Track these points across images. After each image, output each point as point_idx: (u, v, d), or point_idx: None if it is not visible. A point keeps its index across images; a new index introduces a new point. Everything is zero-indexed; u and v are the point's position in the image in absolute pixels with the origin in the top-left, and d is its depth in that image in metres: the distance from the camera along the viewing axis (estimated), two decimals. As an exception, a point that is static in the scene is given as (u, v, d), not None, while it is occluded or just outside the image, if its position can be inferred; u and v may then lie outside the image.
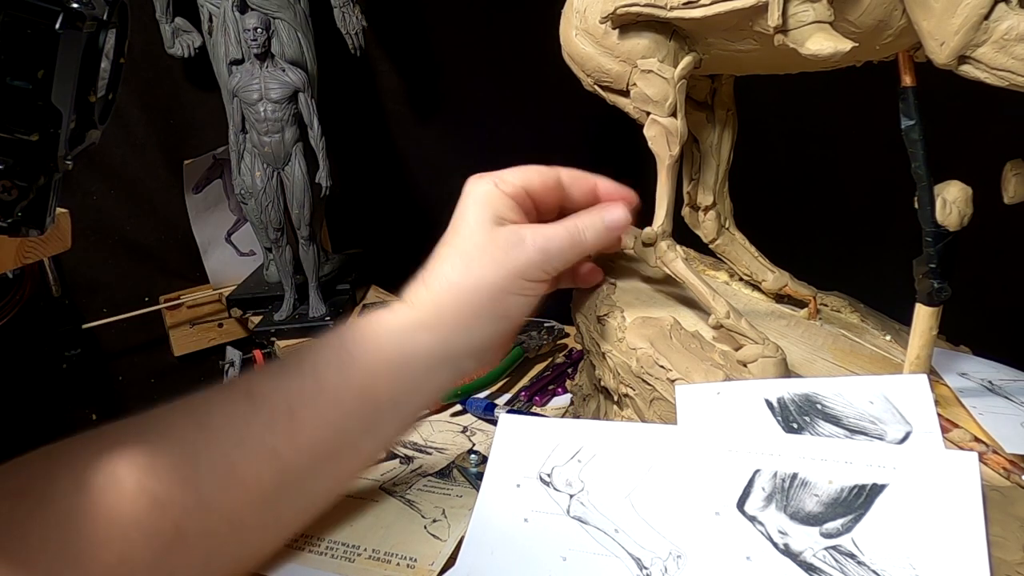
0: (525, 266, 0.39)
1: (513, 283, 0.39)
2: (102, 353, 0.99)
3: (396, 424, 0.40)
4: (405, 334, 0.38)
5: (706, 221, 0.47)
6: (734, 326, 0.39)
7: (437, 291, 0.39)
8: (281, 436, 0.36)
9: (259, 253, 1.00)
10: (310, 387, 0.37)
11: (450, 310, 0.39)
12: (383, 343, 0.38)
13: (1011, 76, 0.29)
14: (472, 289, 0.39)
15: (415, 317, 0.39)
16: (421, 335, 0.38)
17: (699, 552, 0.32)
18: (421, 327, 0.38)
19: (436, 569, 0.39)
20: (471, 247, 0.39)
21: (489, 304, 0.39)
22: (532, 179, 0.42)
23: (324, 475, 0.38)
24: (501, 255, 0.39)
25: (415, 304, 0.39)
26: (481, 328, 0.39)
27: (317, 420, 0.36)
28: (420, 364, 0.39)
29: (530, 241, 0.39)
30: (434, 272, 0.40)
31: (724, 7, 0.34)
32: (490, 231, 0.40)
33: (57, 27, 0.24)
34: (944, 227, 0.33)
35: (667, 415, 0.39)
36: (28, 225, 0.26)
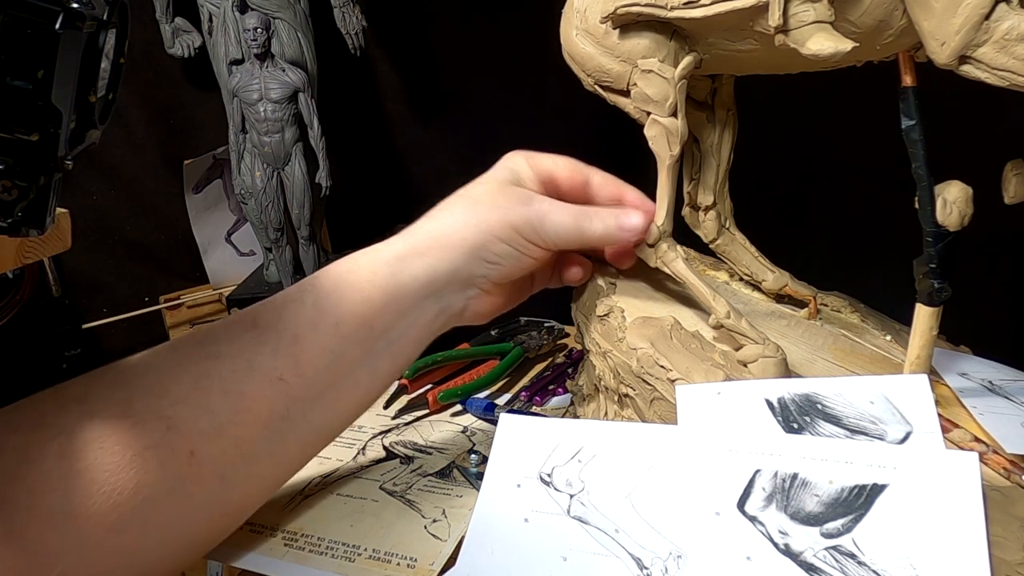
0: (521, 221, 0.41)
1: (503, 229, 0.40)
2: (102, 353, 0.99)
3: (390, 357, 0.41)
4: (397, 260, 0.40)
5: (706, 221, 0.47)
6: (734, 326, 0.39)
7: (437, 222, 0.41)
8: (287, 363, 0.37)
9: (259, 253, 1.00)
10: (311, 315, 0.38)
11: (441, 240, 0.41)
12: (377, 269, 0.40)
13: (1012, 76, 0.29)
14: (467, 224, 0.41)
15: (409, 243, 0.41)
16: (411, 261, 0.40)
17: (699, 552, 0.32)
18: (412, 254, 0.40)
19: (436, 569, 0.39)
20: (479, 193, 0.42)
21: (479, 241, 0.40)
22: (561, 167, 0.44)
23: (325, 406, 0.39)
24: (503, 203, 0.41)
25: (411, 233, 0.41)
26: (466, 263, 0.41)
27: (318, 347, 0.38)
28: (410, 292, 0.40)
29: (536, 203, 0.41)
30: (436, 210, 0.42)
31: (725, 7, 0.34)
32: (502, 186, 0.42)
33: (57, 27, 0.24)
34: (944, 227, 0.33)
35: (667, 415, 0.39)
36: (28, 225, 0.26)
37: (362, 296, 0.39)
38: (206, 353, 0.36)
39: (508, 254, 0.41)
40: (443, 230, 0.41)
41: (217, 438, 0.35)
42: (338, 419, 0.41)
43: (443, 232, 0.41)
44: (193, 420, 0.34)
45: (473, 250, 0.41)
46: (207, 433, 0.35)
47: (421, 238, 0.41)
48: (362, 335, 0.39)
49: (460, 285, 0.42)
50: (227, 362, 0.36)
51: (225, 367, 0.36)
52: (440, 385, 0.60)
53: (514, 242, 0.41)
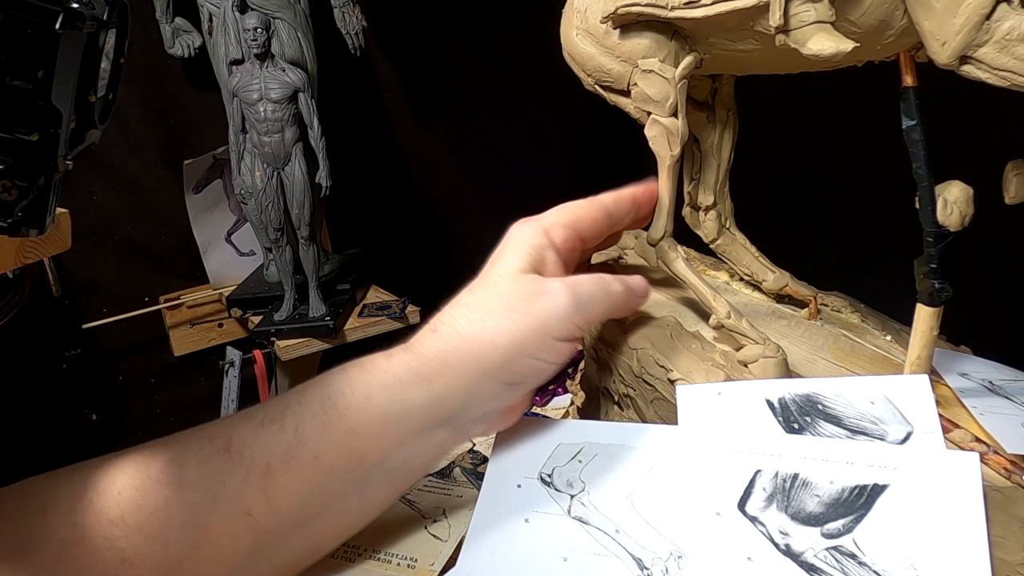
0: (552, 317, 0.34)
1: (536, 340, 0.34)
2: (102, 353, 0.99)
3: (389, 484, 0.37)
4: (398, 387, 0.34)
5: (707, 221, 0.47)
6: (735, 326, 0.39)
7: (444, 339, 0.35)
8: (256, 497, 0.33)
9: (259, 253, 1.00)
10: (289, 443, 0.34)
11: (453, 364, 0.34)
12: (373, 395, 0.34)
13: (1012, 76, 0.29)
14: (485, 344, 0.34)
15: (412, 367, 0.35)
16: (415, 390, 0.34)
17: (700, 552, 0.32)
18: (416, 380, 0.34)
19: (436, 569, 0.39)
20: (491, 295, 0.35)
21: (502, 363, 0.34)
22: (582, 218, 0.39)
23: (305, 536, 0.36)
24: (524, 305, 0.34)
25: (416, 352, 0.35)
26: (485, 392, 0.35)
27: (296, 480, 0.34)
28: (413, 422, 0.35)
29: (560, 290, 0.35)
30: (445, 317, 0.36)
31: (725, 7, 0.34)
32: (516, 278, 0.36)
33: (57, 27, 0.24)
34: (945, 227, 0.33)
35: (668, 415, 0.39)
36: (28, 225, 0.26)
37: (349, 427, 0.34)
38: (170, 478, 0.33)
39: (537, 369, 0.35)
40: (450, 352, 0.34)
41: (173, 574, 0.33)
42: (321, 545, 0.37)
43: (451, 354, 0.34)
44: (147, 553, 0.32)
45: (489, 374, 0.34)
46: (162, 568, 0.32)
47: (426, 360, 0.35)
48: (349, 467, 0.35)
49: (477, 412, 0.36)
50: (189, 492, 0.33)
51: (186, 497, 0.33)
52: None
53: (547, 352, 0.35)
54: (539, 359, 0.35)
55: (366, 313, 0.88)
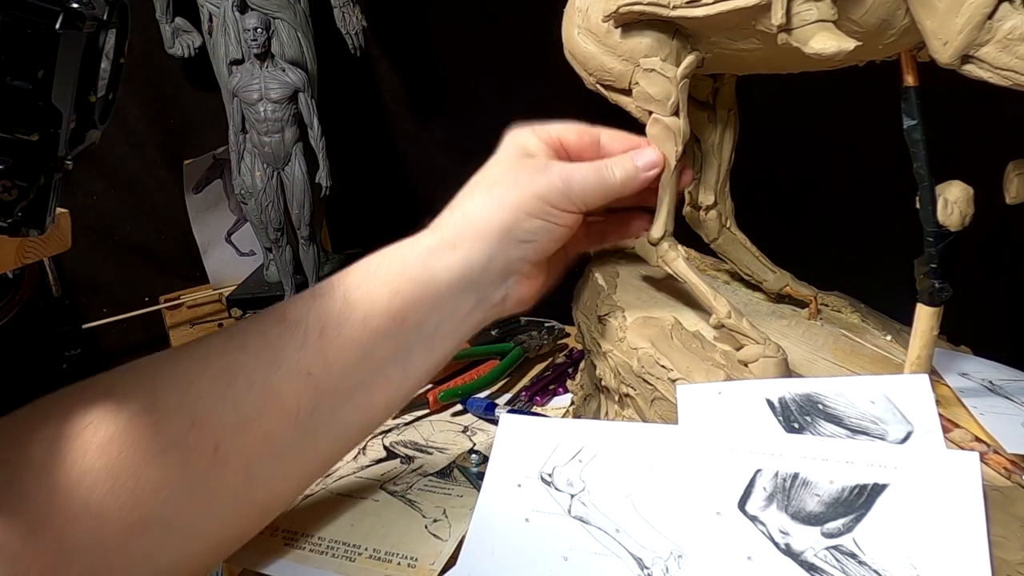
0: (546, 190, 0.39)
1: (533, 204, 0.39)
2: (102, 353, 0.99)
3: (424, 353, 0.40)
4: (429, 254, 0.39)
5: (707, 221, 0.47)
6: (735, 326, 0.39)
7: (463, 211, 0.40)
8: (314, 357, 0.36)
9: (259, 253, 1.00)
10: (339, 308, 0.37)
11: (471, 229, 0.39)
12: (408, 262, 0.39)
13: (1014, 75, 0.29)
14: (493, 207, 0.39)
15: (439, 237, 0.39)
16: (443, 254, 0.39)
17: (700, 552, 0.32)
18: (443, 246, 0.39)
19: (437, 569, 0.39)
20: (497, 173, 0.41)
21: (510, 222, 0.39)
22: (569, 131, 0.43)
23: (356, 402, 0.38)
24: (525, 178, 0.40)
25: (440, 226, 0.40)
26: (500, 249, 0.39)
27: (347, 341, 0.37)
28: (443, 285, 0.38)
29: (556, 169, 0.40)
30: (459, 199, 0.41)
31: (727, 6, 0.34)
32: (517, 160, 0.41)
33: (57, 27, 0.24)
34: (945, 227, 0.33)
35: (668, 415, 0.39)
36: (28, 225, 0.26)
37: (391, 289, 0.38)
38: (233, 346, 0.36)
39: (540, 228, 0.40)
40: (469, 218, 0.39)
41: (243, 432, 0.34)
42: (369, 416, 0.40)
43: (470, 220, 0.39)
44: (218, 414, 0.34)
45: (505, 233, 0.39)
46: (232, 427, 0.34)
47: (450, 230, 0.40)
48: (393, 329, 0.38)
49: (497, 274, 0.40)
50: (252, 355, 0.35)
51: (251, 360, 0.35)
52: (440, 385, 0.60)
53: (544, 214, 0.39)
54: (543, 219, 0.39)
55: None
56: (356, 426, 0.39)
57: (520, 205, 0.39)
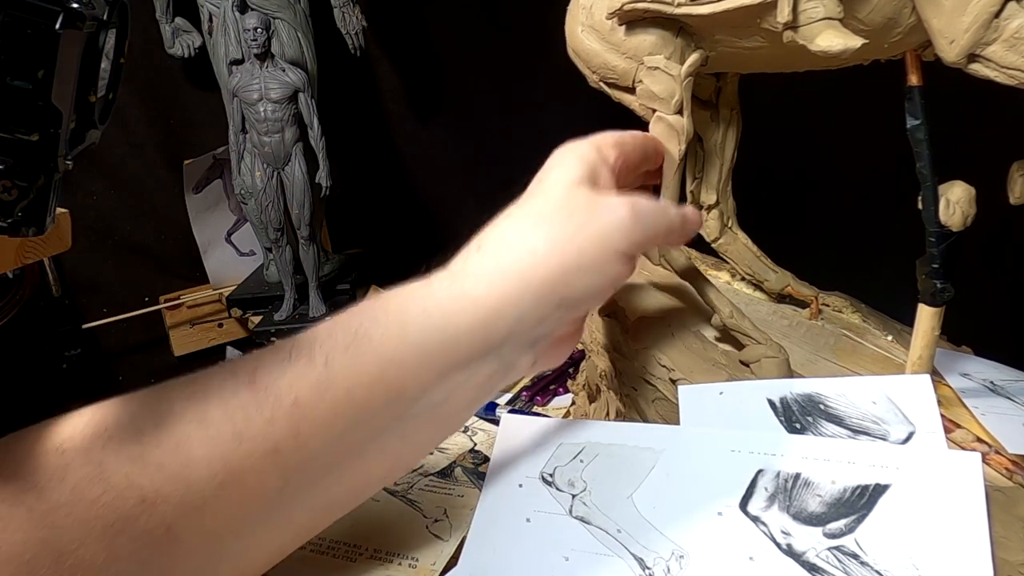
0: (613, 228, 0.31)
1: (598, 252, 0.31)
2: (102, 353, 0.99)
3: (431, 423, 0.33)
4: (439, 313, 0.31)
5: (709, 220, 0.47)
6: (737, 326, 0.39)
7: (494, 254, 0.32)
8: (284, 432, 0.31)
9: (259, 253, 1.00)
10: (319, 376, 0.31)
11: (503, 281, 0.31)
12: (411, 322, 0.31)
13: (1021, 75, 0.29)
14: (541, 254, 0.31)
15: (457, 288, 0.31)
16: (459, 314, 0.31)
17: (702, 552, 0.32)
18: (462, 302, 0.31)
19: (438, 569, 0.39)
20: (545, 204, 0.32)
21: (560, 278, 0.31)
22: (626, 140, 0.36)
23: (340, 478, 0.33)
24: (583, 214, 0.31)
25: (459, 273, 0.32)
26: (538, 310, 0.31)
27: (326, 415, 0.31)
28: (454, 352, 0.32)
29: (619, 202, 0.32)
30: (492, 233, 0.32)
31: (732, 3, 0.34)
32: (574, 188, 0.32)
33: (57, 27, 0.24)
34: (947, 227, 0.33)
35: (670, 415, 0.39)
36: (28, 225, 0.26)
37: (386, 356, 0.31)
38: (192, 413, 0.31)
39: (590, 287, 0.32)
40: (502, 265, 0.31)
41: (199, 513, 0.30)
42: (361, 486, 0.35)
43: (502, 270, 0.31)
44: (169, 493, 0.30)
45: (545, 290, 0.31)
46: (186, 507, 0.30)
47: (472, 280, 0.31)
48: (387, 401, 0.32)
49: (526, 338, 0.32)
50: (212, 428, 0.30)
51: (208, 433, 0.30)
52: (441, 385, 0.60)
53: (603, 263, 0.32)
54: (599, 273, 0.32)
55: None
56: (340, 498, 0.34)
57: (575, 252, 0.31)
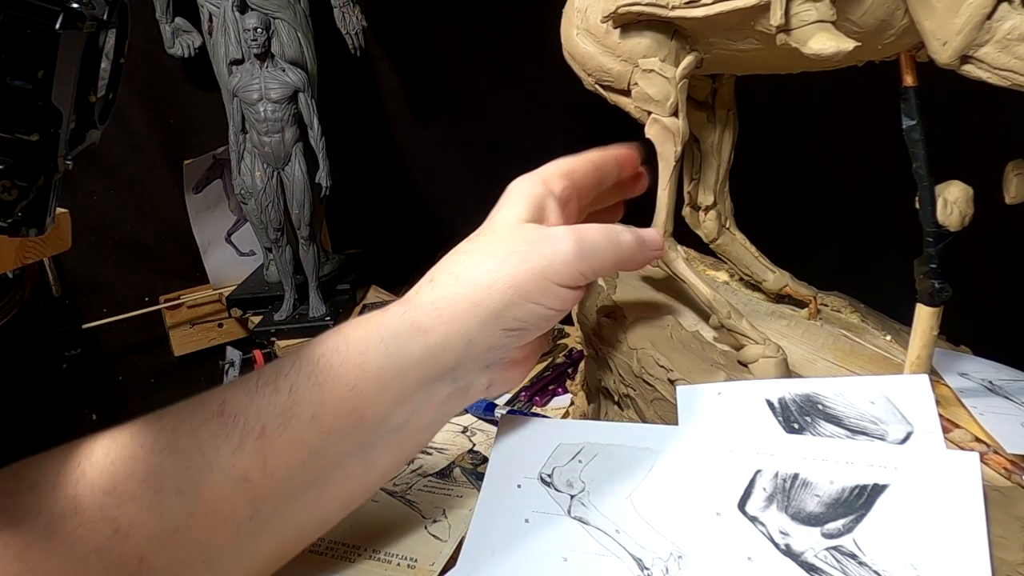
0: (554, 262, 0.34)
1: (536, 284, 0.33)
2: (102, 353, 0.99)
3: (393, 447, 0.35)
4: (393, 340, 0.34)
5: (707, 221, 0.47)
6: (735, 326, 0.39)
7: (442, 286, 0.34)
8: (252, 460, 0.32)
9: (259, 253, 1.00)
10: (284, 404, 0.33)
11: (450, 311, 0.33)
12: (369, 350, 0.33)
13: (1013, 76, 0.29)
14: (480, 286, 0.33)
15: (409, 318, 0.34)
16: (412, 342, 0.33)
17: (700, 552, 0.32)
18: (413, 331, 0.34)
19: (436, 569, 0.39)
20: (491, 242, 0.35)
21: (500, 307, 0.33)
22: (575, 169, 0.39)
23: (309, 503, 0.34)
24: (524, 248, 0.34)
25: (413, 303, 0.34)
26: (485, 339, 0.34)
27: (292, 442, 0.33)
28: (411, 377, 0.34)
29: (562, 235, 0.34)
30: (443, 266, 0.35)
31: (726, 6, 0.34)
32: (516, 227, 0.35)
33: (57, 27, 0.24)
34: (945, 227, 0.33)
35: (668, 415, 0.39)
36: (28, 225, 0.26)
37: (346, 383, 0.33)
38: (163, 445, 0.32)
39: (532, 315, 0.34)
40: (448, 297, 0.34)
41: (171, 543, 0.31)
42: (325, 513, 0.36)
43: (448, 300, 0.34)
44: (142, 523, 0.31)
45: (488, 319, 0.33)
46: (158, 537, 0.31)
47: (422, 310, 0.34)
48: (349, 427, 0.33)
49: (478, 363, 0.35)
50: (183, 458, 0.32)
51: (179, 463, 0.32)
52: (440, 385, 0.60)
53: (543, 296, 0.34)
54: (540, 304, 0.34)
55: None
56: (309, 524, 0.36)
57: (515, 285, 0.33)
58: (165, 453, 0.32)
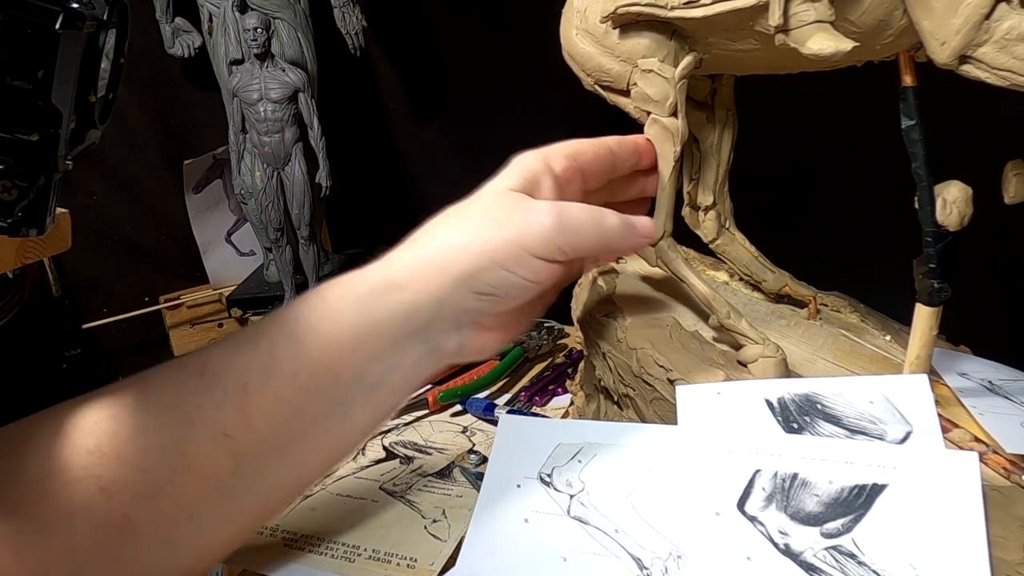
0: (531, 232, 0.34)
1: (506, 250, 0.33)
2: (102, 353, 0.99)
3: (369, 405, 0.35)
4: (369, 297, 0.34)
5: (706, 221, 0.47)
6: (734, 326, 0.39)
7: (420, 245, 0.35)
8: (234, 417, 0.32)
9: (259, 253, 1.00)
10: (265, 362, 0.33)
11: (424, 269, 0.34)
12: (345, 307, 0.34)
13: (1012, 76, 0.29)
14: (455, 247, 0.34)
15: (385, 275, 0.34)
16: (386, 297, 0.33)
17: (699, 552, 0.32)
18: (388, 288, 0.34)
19: (436, 569, 0.39)
20: (474, 208, 0.35)
21: (472, 270, 0.33)
22: (584, 151, 0.38)
23: (288, 461, 0.34)
24: (503, 216, 0.34)
25: (391, 260, 0.35)
26: (457, 297, 0.34)
27: (272, 399, 0.33)
28: (384, 333, 0.34)
29: (543, 208, 0.34)
30: (425, 227, 0.35)
31: (725, 7, 0.34)
32: (502, 194, 0.35)
33: (57, 27, 0.24)
34: (944, 227, 0.33)
35: (667, 415, 0.39)
36: (28, 225, 0.26)
37: (324, 340, 0.33)
38: (145, 403, 0.32)
39: (504, 282, 0.34)
40: (424, 256, 0.34)
41: (155, 500, 0.31)
42: (305, 472, 0.36)
43: (424, 259, 0.34)
44: (126, 481, 0.31)
45: (460, 280, 0.33)
46: (143, 495, 0.31)
47: (399, 267, 0.34)
48: (327, 384, 0.34)
49: (449, 323, 0.35)
50: (165, 415, 0.32)
51: (162, 420, 0.32)
52: (440, 385, 0.60)
53: (515, 264, 0.34)
54: (512, 272, 0.34)
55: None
56: (289, 482, 0.36)
57: (488, 250, 0.33)
58: (147, 411, 0.32)
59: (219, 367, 0.33)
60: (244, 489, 0.34)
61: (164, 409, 0.32)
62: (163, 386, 0.33)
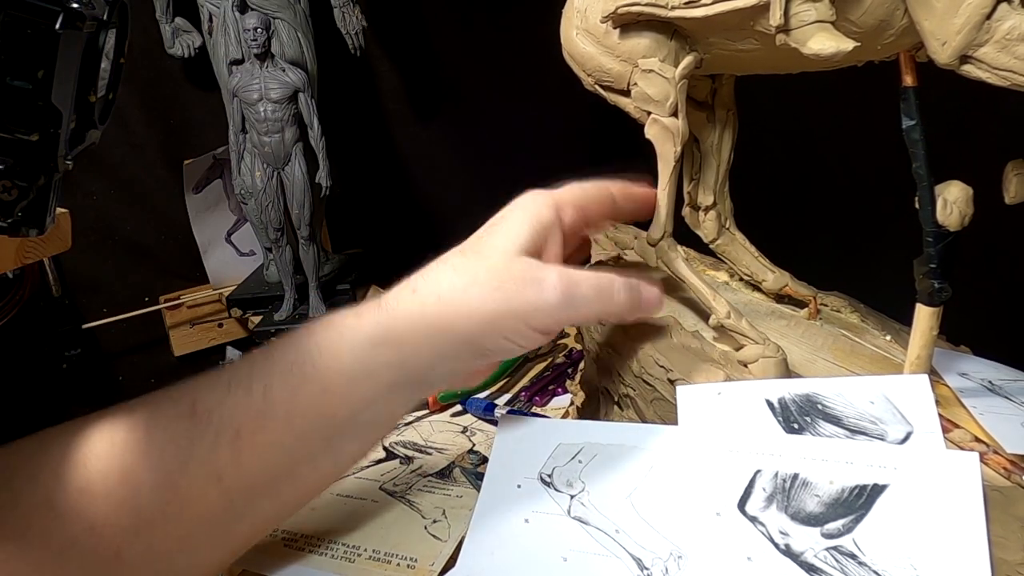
0: (538, 312, 0.34)
1: (513, 325, 0.34)
2: (102, 353, 0.99)
3: (357, 441, 0.37)
4: (369, 347, 0.34)
5: (706, 221, 0.47)
6: (735, 326, 0.39)
7: (422, 301, 0.34)
8: (227, 461, 0.33)
9: (259, 253, 1.00)
10: (259, 407, 0.33)
11: (426, 328, 0.34)
12: (343, 355, 0.34)
13: (1013, 76, 0.29)
14: (463, 314, 0.34)
15: (384, 326, 0.34)
16: (385, 350, 0.34)
17: (700, 552, 0.32)
18: (387, 340, 0.34)
19: (436, 569, 0.39)
20: (483, 267, 0.34)
21: (475, 336, 0.34)
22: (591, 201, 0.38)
23: (278, 495, 0.36)
24: (512, 287, 0.33)
25: (391, 311, 0.35)
26: (451, 362, 0.35)
27: (266, 443, 0.33)
28: (380, 381, 0.35)
29: (553, 283, 0.34)
30: (428, 276, 0.35)
31: (725, 7, 0.34)
32: (512, 258, 0.34)
33: (57, 27, 0.24)
34: (945, 227, 0.33)
35: (668, 415, 0.39)
36: (28, 225, 0.26)
37: (320, 386, 0.34)
38: (135, 441, 0.32)
39: (501, 348, 0.35)
40: (427, 316, 0.34)
41: (147, 536, 0.32)
42: (295, 503, 0.37)
43: (427, 319, 0.34)
44: (117, 520, 0.31)
45: (460, 343, 0.34)
46: (135, 532, 0.32)
47: (401, 320, 0.34)
48: (321, 426, 0.34)
49: (443, 374, 0.36)
50: (155, 454, 0.32)
51: (154, 460, 0.32)
52: (440, 385, 0.60)
53: (517, 336, 0.34)
54: (511, 341, 0.35)
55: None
56: (281, 511, 0.37)
57: (491, 320, 0.33)
58: (139, 451, 0.32)
59: (211, 406, 0.33)
60: (235, 521, 0.35)
61: (155, 449, 0.32)
62: (153, 424, 0.33)
